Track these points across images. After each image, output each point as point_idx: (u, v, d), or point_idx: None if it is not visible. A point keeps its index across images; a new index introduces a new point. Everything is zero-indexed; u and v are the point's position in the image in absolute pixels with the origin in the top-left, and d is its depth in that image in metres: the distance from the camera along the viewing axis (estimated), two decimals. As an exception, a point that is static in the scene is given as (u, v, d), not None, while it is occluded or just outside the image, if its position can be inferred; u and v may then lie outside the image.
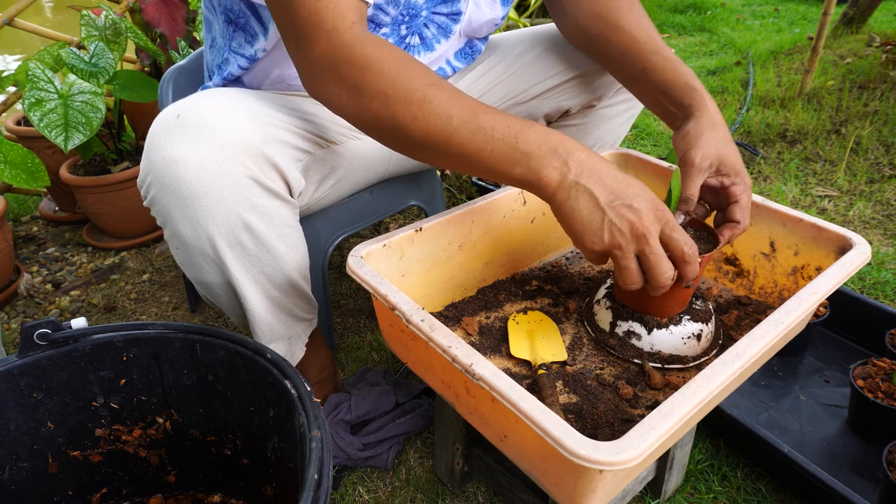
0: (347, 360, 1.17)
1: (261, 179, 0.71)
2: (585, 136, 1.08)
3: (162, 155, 0.68)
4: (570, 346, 0.79)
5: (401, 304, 0.65)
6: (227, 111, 0.70)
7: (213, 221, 0.70)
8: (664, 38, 3.52)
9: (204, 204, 0.68)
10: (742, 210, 0.74)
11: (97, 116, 1.37)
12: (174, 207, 0.69)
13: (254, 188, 0.70)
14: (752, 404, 1.02)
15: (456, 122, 0.62)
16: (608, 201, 0.62)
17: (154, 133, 0.70)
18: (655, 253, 0.62)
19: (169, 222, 0.71)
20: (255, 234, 0.73)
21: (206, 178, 0.67)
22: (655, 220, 0.62)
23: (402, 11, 0.80)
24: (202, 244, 0.71)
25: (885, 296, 1.26)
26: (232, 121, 0.69)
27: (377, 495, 0.92)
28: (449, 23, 0.87)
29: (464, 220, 0.83)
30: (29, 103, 1.33)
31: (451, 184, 1.74)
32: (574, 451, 0.48)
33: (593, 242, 0.63)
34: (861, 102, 2.09)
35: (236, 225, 0.71)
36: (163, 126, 0.69)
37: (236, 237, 0.72)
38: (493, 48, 1.04)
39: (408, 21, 0.82)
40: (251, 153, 0.69)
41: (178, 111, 0.69)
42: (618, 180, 0.63)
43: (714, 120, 0.77)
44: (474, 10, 0.89)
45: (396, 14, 0.80)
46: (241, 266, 0.74)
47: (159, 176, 0.68)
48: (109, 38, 1.54)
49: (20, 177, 1.35)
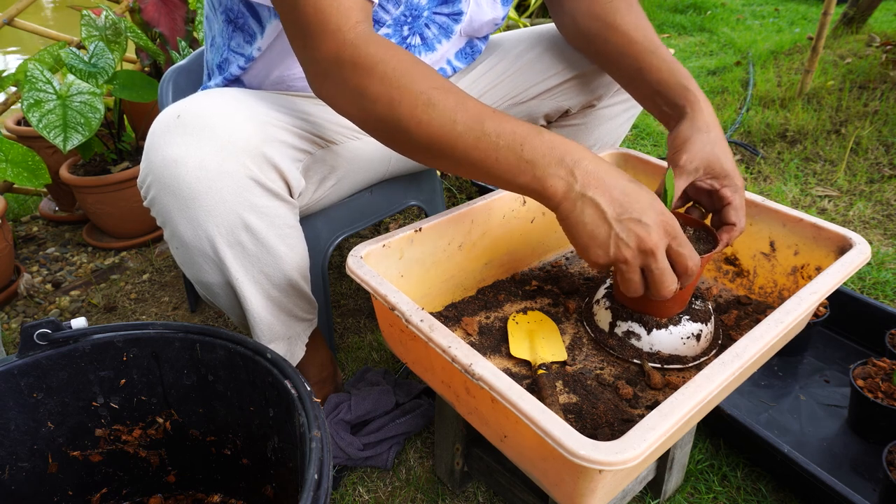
0: (347, 360, 1.17)
1: (261, 180, 0.71)
2: (586, 135, 1.08)
3: (162, 155, 0.68)
4: (569, 346, 0.79)
5: (400, 305, 0.65)
6: (228, 111, 0.70)
7: (213, 222, 0.70)
8: (664, 38, 3.50)
9: (204, 204, 0.68)
10: (735, 211, 0.74)
11: (96, 117, 1.37)
12: (174, 208, 0.69)
13: (254, 188, 0.70)
14: (752, 404, 1.02)
15: (460, 128, 0.61)
16: (616, 215, 0.60)
17: (154, 133, 0.70)
18: (661, 269, 0.62)
19: (169, 222, 0.71)
20: (255, 235, 0.73)
21: (206, 179, 0.67)
22: (664, 236, 0.61)
23: (405, 12, 0.80)
24: (202, 244, 0.71)
25: (885, 296, 1.26)
26: (232, 121, 0.69)
27: (377, 495, 0.92)
28: (450, 23, 0.87)
29: (464, 220, 0.83)
30: (27, 104, 1.33)
31: (451, 184, 1.74)
32: (574, 451, 0.48)
33: (598, 255, 0.62)
34: (861, 102, 2.09)
35: (236, 225, 0.71)
36: (163, 126, 0.69)
37: (236, 237, 0.72)
38: (493, 48, 1.04)
39: (410, 22, 0.82)
40: (251, 153, 0.69)
41: (179, 111, 0.69)
42: (626, 192, 0.61)
43: (706, 121, 0.76)
44: (475, 10, 0.89)
45: (399, 14, 0.80)
46: (240, 266, 0.74)
47: (159, 176, 0.68)
48: (109, 38, 1.54)
49: (21, 175, 1.35)
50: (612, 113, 1.06)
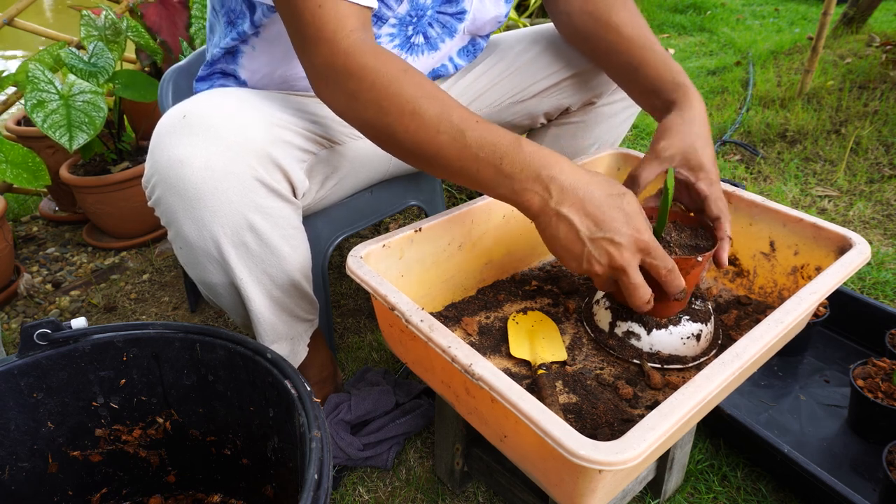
0: (347, 360, 1.17)
1: (266, 180, 0.71)
2: (585, 134, 1.08)
3: (168, 155, 0.68)
4: (569, 346, 0.79)
5: (400, 305, 0.65)
6: (233, 112, 0.70)
7: (218, 222, 0.70)
8: (664, 38, 3.50)
9: (209, 205, 0.68)
10: (714, 203, 0.74)
11: (100, 115, 1.38)
12: (179, 208, 0.69)
13: (259, 189, 0.70)
14: (752, 404, 1.02)
15: (444, 138, 0.63)
16: (588, 233, 0.62)
17: (159, 133, 0.70)
18: (633, 283, 0.64)
19: (174, 223, 0.71)
20: (260, 235, 0.73)
21: (211, 179, 0.67)
22: (636, 253, 0.63)
23: (410, 11, 0.80)
24: (206, 245, 0.71)
25: (884, 296, 1.26)
26: (237, 121, 0.70)
27: (377, 495, 0.92)
28: (454, 22, 0.88)
29: (464, 220, 0.83)
30: (31, 105, 1.33)
31: (451, 184, 1.74)
32: (574, 452, 0.48)
33: (572, 266, 0.65)
34: (861, 102, 2.09)
35: (241, 226, 0.71)
36: (168, 126, 0.69)
37: (241, 238, 0.72)
38: (493, 47, 1.04)
39: (414, 22, 0.82)
40: (257, 154, 0.70)
41: (185, 111, 0.69)
42: (601, 207, 0.62)
43: (693, 115, 0.77)
44: (479, 8, 0.89)
45: (404, 14, 0.80)
46: (244, 267, 0.74)
47: (165, 176, 0.68)
48: (109, 38, 1.54)
49: (21, 176, 1.35)
50: (612, 111, 1.06)
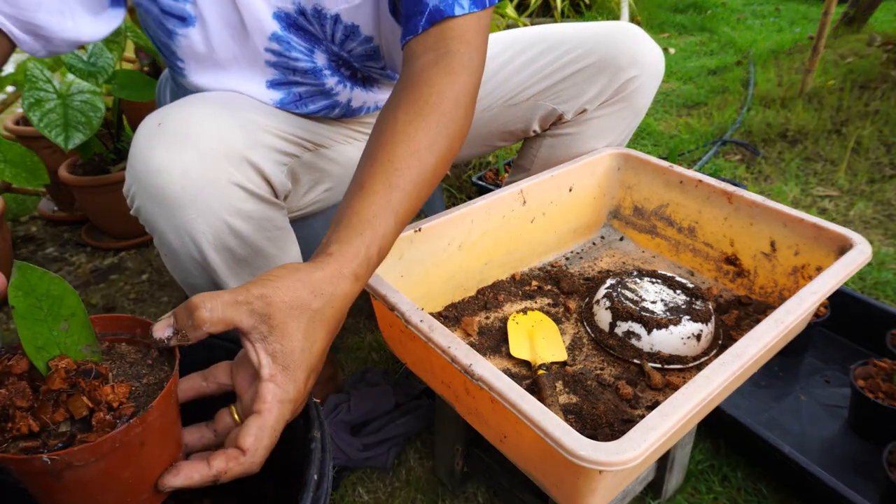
0: (347, 360, 1.17)
1: (244, 184, 0.70)
2: (581, 145, 1.05)
3: (146, 164, 0.67)
4: (570, 347, 0.79)
5: (400, 305, 0.64)
6: (208, 118, 0.70)
7: (199, 229, 0.69)
8: (664, 38, 3.48)
9: (190, 213, 0.68)
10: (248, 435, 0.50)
11: (97, 116, 1.37)
12: (160, 216, 0.69)
13: (238, 193, 0.70)
14: (752, 405, 1.02)
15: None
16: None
17: (137, 142, 0.69)
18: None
19: (156, 230, 0.71)
20: (244, 239, 0.72)
21: (190, 187, 0.67)
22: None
23: (331, 59, 0.80)
24: (190, 251, 0.71)
25: (885, 296, 1.26)
26: (213, 127, 0.69)
27: (377, 496, 0.92)
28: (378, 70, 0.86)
29: (464, 220, 0.82)
30: (28, 103, 1.33)
31: (451, 184, 1.74)
32: (574, 452, 0.48)
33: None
34: (862, 102, 2.08)
35: (223, 231, 0.70)
36: (145, 135, 0.69)
37: (224, 243, 0.71)
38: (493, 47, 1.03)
39: (346, 62, 0.82)
40: (233, 159, 0.69)
41: (160, 119, 0.69)
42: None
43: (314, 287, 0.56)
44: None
45: (326, 62, 0.80)
46: (230, 271, 0.74)
47: (144, 185, 0.68)
48: (109, 38, 1.54)
49: (20, 175, 1.35)
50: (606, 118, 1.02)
